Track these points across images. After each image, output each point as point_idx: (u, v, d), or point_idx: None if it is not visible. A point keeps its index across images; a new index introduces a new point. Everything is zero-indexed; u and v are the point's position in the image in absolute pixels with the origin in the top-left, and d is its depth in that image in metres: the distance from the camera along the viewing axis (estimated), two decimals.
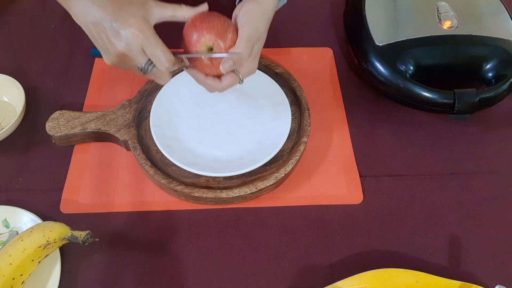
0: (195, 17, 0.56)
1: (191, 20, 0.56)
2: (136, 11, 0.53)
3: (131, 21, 0.52)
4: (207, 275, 0.60)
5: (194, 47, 0.56)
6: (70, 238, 0.56)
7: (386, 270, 0.58)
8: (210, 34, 0.55)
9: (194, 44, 0.55)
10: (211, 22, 0.55)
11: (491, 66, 0.73)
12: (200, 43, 0.55)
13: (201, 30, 0.55)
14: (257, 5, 0.59)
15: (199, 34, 0.55)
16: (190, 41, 0.56)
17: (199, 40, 0.55)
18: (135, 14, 0.53)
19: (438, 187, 0.69)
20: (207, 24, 0.55)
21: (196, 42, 0.55)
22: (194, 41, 0.55)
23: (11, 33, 0.87)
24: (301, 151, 0.68)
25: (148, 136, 0.70)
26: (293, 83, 0.76)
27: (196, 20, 0.56)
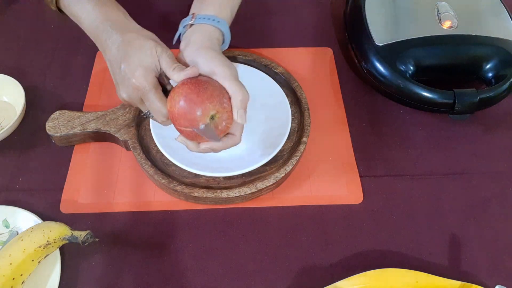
0: (187, 89, 0.53)
1: (184, 93, 0.53)
2: (144, 59, 0.55)
3: (136, 73, 0.54)
4: (207, 275, 0.60)
5: (200, 122, 0.53)
6: (70, 238, 0.56)
7: (386, 270, 0.58)
8: (212, 103, 0.53)
9: (199, 120, 0.53)
10: (207, 90, 0.53)
11: (491, 66, 0.73)
12: (205, 117, 0.53)
13: (203, 104, 0.52)
14: (213, 51, 0.58)
15: (203, 109, 0.52)
16: (192, 118, 0.53)
17: (205, 114, 0.53)
18: (141, 61, 0.54)
19: (438, 187, 0.69)
20: (203, 94, 0.53)
21: (201, 117, 0.53)
22: (199, 117, 0.53)
23: (11, 33, 0.87)
24: (301, 151, 0.68)
25: (148, 136, 0.70)
26: (293, 83, 0.76)
27: (191, 93, 0.53)
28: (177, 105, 0.53)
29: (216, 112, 0.53)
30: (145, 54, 0.55)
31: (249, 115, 0.72)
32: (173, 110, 0.54)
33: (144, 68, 0.54)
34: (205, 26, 0.61)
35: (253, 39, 0.85)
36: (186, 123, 0.54)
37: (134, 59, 0.55)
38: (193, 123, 0.53)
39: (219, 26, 0.61)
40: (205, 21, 0.61)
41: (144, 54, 0.55)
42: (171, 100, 0.54)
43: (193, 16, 0.61)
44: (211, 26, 0.61)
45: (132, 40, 0.56)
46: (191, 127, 0.54)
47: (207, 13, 0.61)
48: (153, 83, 0.55)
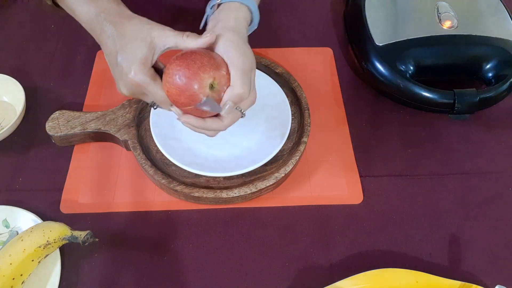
0: (175, 67, 0.51)
1: (174, 72, 0.51)
2: (139, 51, 0.53)
3: (133, 69, 0.53)
4: (207, 275, 0.60)
5: (200, 95, 0.51)
6: (70, 238, 0.56)
7: (386, 270, 0.58)
8: (205, 72, 0.51)
9: (199, 93, 0.51)
10: (195, 61, 0.51)
11: (491, 66, 0.73)
12: (204, 88, 0.51)
13: (196, 76, 0.51)
14: (236, 34, 0.56)
15: (198, 81, 0.51)
16: (189, 92, 0.51)
17: (202, 85, 0.51)
18: (136, 55, 0.53)
19: (438, 187, 0.69)
20: (193, 66, 0.51)
21: (200, 89, 0.51)
22: (197, 90, 0.51)
23: (11, 33, 0.87)
24: (301, 151, 0.68)
25: (148, 136, 0.70)
26: (293, 83, 0.76)
27: (181, 69, 0.51)
28: (172, 86, 0.52)
29: (213, 79, 0.51)
30: (140, 46, 0.53)
31: (249, 115, 0.72)
32: (169, 93, 0.53)
33: (139, 63, 0.53)
34: (233, 4, 0.58)
35: (253, 39, 0.85)
36: (186, 101, 0.52)
37: (128, 53, 0.54)
38: (193, 98, 0.51)
39: (247, 3, 0.58)
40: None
41: (137, 46, 0.53)
42: (165, 84, 0.53)
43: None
44: (239, 4, 0.58)
45: (125, 32, 0.54)
46: (194, 103, 0.51)
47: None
48: (151, 74, 0.54)
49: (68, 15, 0.62)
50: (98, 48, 0.82)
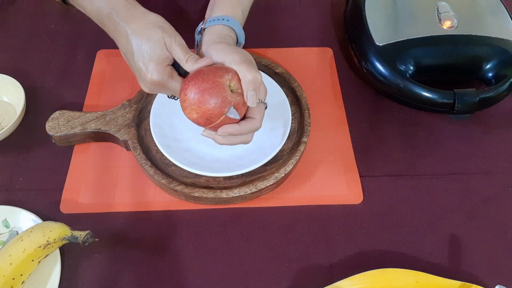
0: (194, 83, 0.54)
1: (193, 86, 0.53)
2: (154, 51, 0.55)
3: (150, 68, 0.55)
4: (207, 275, 0.60)
5: (225, 108, 0.54)
6: (70, 238, 0.56)
7: (386, 270, 0.58)
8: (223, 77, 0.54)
9: (224, 99, 0.53)
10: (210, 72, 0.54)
11: (491, 66, 0.73)
12: (225, 92, 0.53)
13: (217, 84, 0.53)
14: (223, 42, 0.59)
15: (221, 88, 0.53)
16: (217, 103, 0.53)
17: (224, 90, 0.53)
18: (151, 56, 0.55)
19: (438, 187, 0.69)
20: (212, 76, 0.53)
21: (224, 95, 0.53)
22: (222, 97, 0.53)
23: (11, 33, 0.87)
24: (301, 151, 0.68)
25: (148, 136, 0.70)
26: (293, 83, 0.76)
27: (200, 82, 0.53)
28: (196, 108, 0.54)
29: (229, 81, 0.54)
30: (154, 46, 0.55)
31: None
32: (198, 115, 0.54)
33: (156, 62, 0.55)
34: (216, 26, 0.61)
35: (253, 39, 0.85)
36: (217, 111, 0.54)
37: (144, 53, 0.55)
38: (223, 105, 0.53)
39: (230, 25, 0.62)
40: (215, 22, 0.62)
41: (152, 46, 0.55)
42: (190, 111, 0.55)
43: (203, 21, 0.62)
44: (221, 26, 0.61)
45: (138, 30, 0.56)
46: (224, 110, 0.54)
47: (218, 14, 0.62)
48: (168, 72, 0.56)
49: (68, 15, 0.62)
50: (98, 48, 0.83)
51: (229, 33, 0.62)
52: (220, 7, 0.64)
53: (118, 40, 0.58)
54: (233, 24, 0.62)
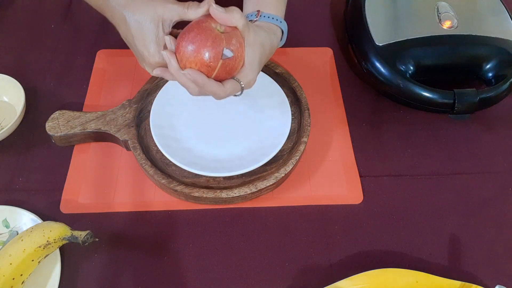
0: (185, 35, 0.53)
1: (185, 41, 0.53)
2: (150, 32, 0.55)
3: (151, 52, 0.55)
4: (207, 275, 0.60)
5: (218, 42, 0.52)
6: (70, 238, 0.56)
7: (386, 270, 0.58)
8: (212, 23, 0.53)
9: (214, 39, 0.52)
10: (200, 22, 0.53)
11: (491, 66, 0.73)
12: (214, 32, 0.53)
13: (206, 29, 0.52)
14: (269, 32, 0.60)
15: (210, 30, 0.53)
16: (206, 52, 0.52)
17: (212, 33, 0.52)
18: (149, 38, 0.55)
19: (438, 187, 0.69)
20: (201, 24, 0.53)
21: (213, 38, 0.52)
22: (211, 40, 0.52)
23: (11, 33, 0.87)
24: (301, 151, 0.68)
25: (148, 136, 0.70)
26: (293, 83, 0.76)
27: (188, 33, 0.53)
28: (188, 52, 0.53)
29: (215, 25, 0.53)
30: (149, 27, 0.54)
31: (249, 115, 0.73)
32: (189, 59, 0.53)
33: (154, 45, 0.55)
34: (270, 24, 0.62)
35: None
36: (213, 59, 0.52)
37: (143, 36, 0.55)
38: (216, 52, 0.52)
39: (282, 26, 0.63)
40: (270, 20, 0.62)
41: (148, 27, 0.55)
42: (182, 56, 0.53)
43: (258, 13, 0.63)
44: (275, 26, 0.63)
45: (134, 13, 0.55)
46: (218, 57, 0.52)
47: (271, 12, 0.63)
48: (169, 49, 0.55)
49: (68, 15, 0.62)
50: (98, 48, 0.83)
51: (278, 34, 0.63)
52: (270, 4, 0.64)
53: (117, 25, 0.58)
54: (283, 26, 0.64)
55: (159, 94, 0.72)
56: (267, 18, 0.62)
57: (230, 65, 0.53)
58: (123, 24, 0.56)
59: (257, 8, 0.64)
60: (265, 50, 0.58)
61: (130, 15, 0.55)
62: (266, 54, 0.59)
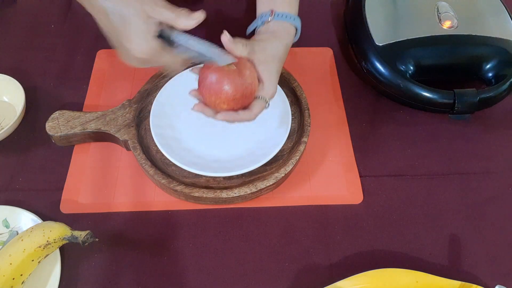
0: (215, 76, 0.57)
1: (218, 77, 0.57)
2: (136, 27, 0.53)
3: (139, 48, 0.54)
4: (207, 275, 0.60)
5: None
6: (70, 238, 0.56)
7: (386, 270, 0.58)
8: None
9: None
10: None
11: (491, 66, 0.73)
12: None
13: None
14: (277, 39, 0.63)
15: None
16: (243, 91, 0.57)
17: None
18: (136, 33, 0.53)
19: (438, 187, 0.69)
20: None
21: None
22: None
23: (11, 33, 0.87)
24: (301, 151, 0.68)
25: (148, 136, 0.70)
26: (293, 83, 0.76)
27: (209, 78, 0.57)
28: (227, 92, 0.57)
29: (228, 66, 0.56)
30: (136, 20, 0.52)
31: None
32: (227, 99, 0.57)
33: (141, 37, 0.53)
34: (284, 23, 0.65)
35: None
36: (244, 100, 0.58)
37: (127, 29, 0.53)
38: (235, 87, 0.57)
39: (295, 24, 0.66)
40: (284, 18, 0.64)
41: (134, 21, 0.53)
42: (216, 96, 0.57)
43: (271, 13, 0.65)
44: (289, 24, 0.65)
45: (115, 5, 0.53)
46: (238, 89, 0.57)
47: (284, 10, 0.65)
48: (158, 45, 0.54)
49: (68, 15, 0.62)
50: (98, 48, 0.83)
51: (293, 32, 0.66)
52: (283, 2, 0.66)
53: (96, 17, 0.56)
54: (297, 23, 0.66)
55: (159, 94, 0.72)
56: (281, 17, 0.64)
57: (248, 91, 0.58)
58: (103, 16, 0.54)
59: (270, 7, 0.65)
60: (280, 58, 0.62)
61: (111, 7, 0.53)
62: (282, 59, 0.62)
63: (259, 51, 0.60)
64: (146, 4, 0.53)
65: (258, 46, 0.60)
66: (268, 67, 0.60)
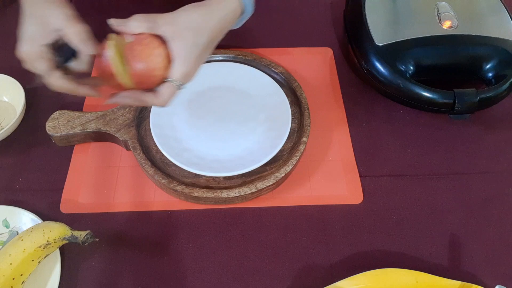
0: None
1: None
2: (29, 28, 0.53)
3: (22, 43, 0.54)
4: (207, 275, 0.60)
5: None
6: (70, 238, 0.56)
7: (386, 270, 0.58)
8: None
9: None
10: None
11: (491, 66, 0.73)
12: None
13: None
14: (202, 9, 0.54)
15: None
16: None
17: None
18: (26, 32, 0.54)
19: (438, 187, 0.69)
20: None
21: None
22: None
23: (11, 33, 0.86)
24: (301, 151, 0.68)
25: (148, 136, 0.70)
26: (293, 83, 0.76)
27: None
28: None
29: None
30: (32, 22, 0.53)
31: (249, 115, 0.73)
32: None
33: (26, 40, 0.54)
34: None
35: (253, 39, 0.85)
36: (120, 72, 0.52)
37: (22, 29, 0.54)
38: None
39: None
40: None
41: (30, 22, 0.53)
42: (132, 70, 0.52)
43: None
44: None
45: (26, 6, 0.54)
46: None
47: None
48: (36, 52, 0.53)
49: None
50: None
51: (229, 4, 0.56)
52: None
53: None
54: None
55: None
56: None
57: (143, 71, 0.51)
58: (21, 12, 0.54)
59: None
60: (197, 30, 0.53)
61: (25, 4, 0.54)
62: (203, 33, 0.53)
63: (164, 24, 0.52)
64: (51, 9, 0.53)
65: (164, 19, 0.52)
66: (179, 42, 0.51)
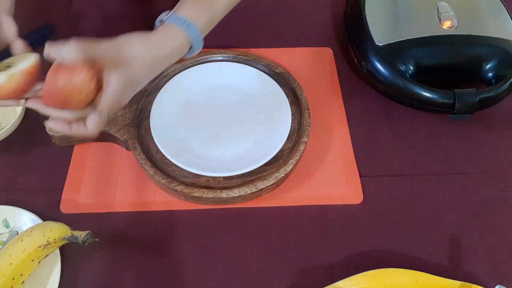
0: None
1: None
2: None
3: None
4: (207, 275, 0.60)
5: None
6: (70, 238, 0.56)
7: (386, 270, 0.58)
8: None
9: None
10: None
11: (491, 66, 0.73)
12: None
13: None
14: (150, 40, 0.53)
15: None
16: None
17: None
18: None
19: (438, 187, 0.69)
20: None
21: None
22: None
23: None
24: (301, 151, 0.68)
25: (148, 136, 0.70)
26: (293, 83, 0.76)
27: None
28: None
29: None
30: None
31: (249, 115, 0.73)
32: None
33: None
34: (173, 27, 0.56)
35: (253, 39, 0.85)
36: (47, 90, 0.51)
37: None
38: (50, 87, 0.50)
39: (188, 31, 0.56)
40: (175, 21, 0.56)
41: None
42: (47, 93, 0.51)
43: (168, 13, 0.57)
44: (179, 29, 0.55)
45: None
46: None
47: (185, 15, 0.56)
48: None
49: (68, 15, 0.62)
50: None
51: (182, 40, 0.56)
52: (188, 7, 0.57)
53: None
54: (191, 31, 0.56)
55: (159, 94, 0.72)
56: (174, 19, 0.56)
57: (54, 93, 0.50)
58: None
59: (176, 9, 0.57)
60: (141, 65, 0.52)
61: None
62: (147, 69, 0.53)
63: (104, 52, 0.51)
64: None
65: (105, 47, 0.52)
66: (113, 72, 0.50)
